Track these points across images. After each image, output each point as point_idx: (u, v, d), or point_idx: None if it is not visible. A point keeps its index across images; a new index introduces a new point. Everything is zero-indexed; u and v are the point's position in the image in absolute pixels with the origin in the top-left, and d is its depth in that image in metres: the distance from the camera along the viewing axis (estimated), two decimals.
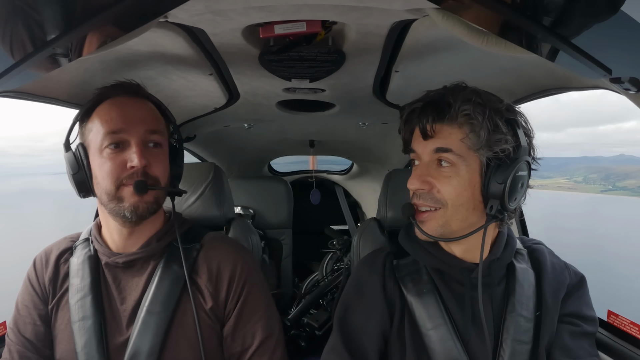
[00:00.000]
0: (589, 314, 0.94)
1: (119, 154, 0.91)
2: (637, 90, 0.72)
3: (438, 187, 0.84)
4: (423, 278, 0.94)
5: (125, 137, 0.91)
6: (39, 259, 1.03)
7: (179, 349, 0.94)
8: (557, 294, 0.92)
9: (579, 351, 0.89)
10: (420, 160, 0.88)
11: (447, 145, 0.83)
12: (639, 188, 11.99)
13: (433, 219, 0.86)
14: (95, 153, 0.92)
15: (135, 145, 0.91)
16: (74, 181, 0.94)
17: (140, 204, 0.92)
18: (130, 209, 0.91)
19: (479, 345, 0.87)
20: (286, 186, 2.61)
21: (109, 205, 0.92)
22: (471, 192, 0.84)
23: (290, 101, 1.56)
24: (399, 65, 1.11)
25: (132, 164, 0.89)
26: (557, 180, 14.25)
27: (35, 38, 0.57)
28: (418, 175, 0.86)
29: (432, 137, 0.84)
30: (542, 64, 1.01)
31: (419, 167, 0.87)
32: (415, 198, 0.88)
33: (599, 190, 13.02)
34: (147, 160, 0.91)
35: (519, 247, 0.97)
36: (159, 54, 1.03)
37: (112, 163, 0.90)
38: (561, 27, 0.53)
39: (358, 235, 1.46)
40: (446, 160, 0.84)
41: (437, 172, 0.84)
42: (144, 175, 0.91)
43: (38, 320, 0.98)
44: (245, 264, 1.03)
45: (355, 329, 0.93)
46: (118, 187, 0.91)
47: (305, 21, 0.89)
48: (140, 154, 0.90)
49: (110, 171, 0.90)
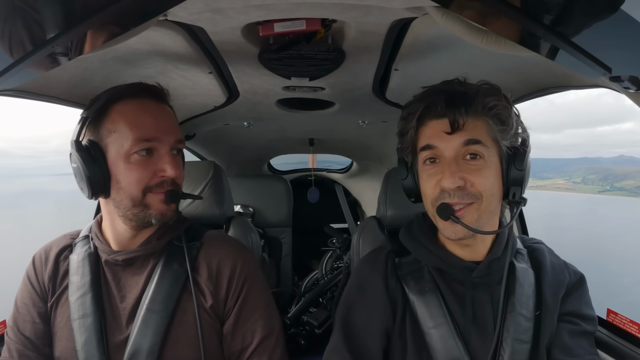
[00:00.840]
0: (588, 313, 0.94)
1: (148, 160, 0.91)
2: (636, 89, 0.72)
3: (472, 180, 0.82)
4: (425, 277, 0.94)
5: (156, 145, 0.91)
6: (38, 256, 1.03)
7: (179, 348, 0.94)
8: (556, 293, 0.92)
9: (578, 350, 0.89)
10: (443, 157, 0.85)
11: (476, 137, 0.82)
12: (637, 188, 12.05)
13: (468, 214, 0.83)
14: (118, 156, 0.90)
15: (167, 154, 0.92)
16: (89, 182, 0.89)
17: (168, 212, 0.94)
18: (158, 217, 0.93)
19: (479, 344, 0.87)
20: (286, 185, 2.61)
21: (132, 211, 0.92)
22: (498, 181, 0.85)
23: (290, 99, 1.55)
24: (398, 63, 1.11)
25: (165, 174, 0.91)
26: (556, 181, 14.30)
27: (35, 37, 0.57)
28: (452, 172, 0.82)
29: (460, 130, 0.83)
30: (542, 62, 1.01)
31: (448, 164, 0.83)
32: (447, 197, 0.83)
33: (596, 190, 13.10)
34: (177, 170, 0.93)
35: (519, 247, 0.97)
36: (159, 53, 1.03)
37: (142, 170, 0.90)
38: (561, 25, 0.53)
39: (358, 234, 1.46)
40: (477, 153, 0.83)
41: (467, 166, 0.83)
42: (173, 184, 0.93)
43: (37, 318, 0.98)
44: (246, 263, 1.03)
45: (358, 327, 0.93)
46: (145, 194, 0.91)
47: (304, 19, 0.89)
48: (174, 165, 0.91)
49: (140, 178, 0.90)
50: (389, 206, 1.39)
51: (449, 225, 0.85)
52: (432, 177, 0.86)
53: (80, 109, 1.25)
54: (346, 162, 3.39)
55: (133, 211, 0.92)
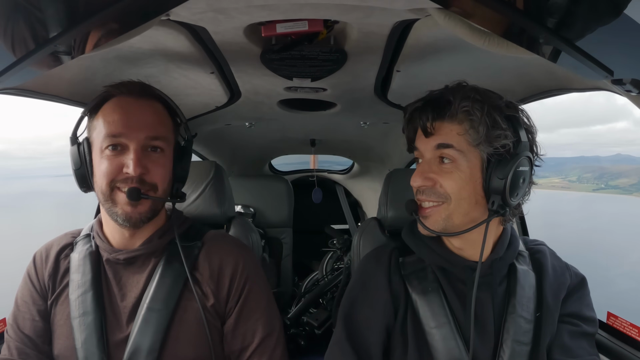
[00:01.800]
0: (589, 315, 0.94)
1: (117, 156, 0.91)
2: (638, 92, 0.72)
3: (440, 182, 0.86)
4: (428, 277, 0.94)
5: (124, 142, 0.91)
6: (39, 254, 1.03)
7: (180, 347, 0.94)
8: (557, 295, 0.93)
9: (578, 350, 0.89)
10: (423, 158, 0.90)
11: (447, 141, 0.84)
12: (631, 186, 12.14)
13: (436, 213, 0.87)
14: (96, 151, 0.93)
15: (133, 151, 0.90)
16: (76, 175, 0.95)
17: (133, 215, 0.91)
18: (123, 217, 0.92)
19: (479, 344, 0.87)
20: (287, 185, 2.61)
21: (105, 205, 0.93)
22: (473, 186, 0.85)
23: (292, 100, 1.55)
24: (400, 65, 1.11)
25: (127, 170, 0.89)
26: (552, 179, 14.38)
27: (37, 35, 0.57)
28: (420, 172, 0.88)
29: (433, 134, 0.86)
30: (544, 64, 1.01)
31: (421, 165, 0.90)
32: (418, 194, 0.90)
33: (591, 189, 13.18)
34: (145, 167, 0.91)
35: (521, 249, 0.97)
36: (161, 52, 1.03)
37: (109, 164, 0.90)
38: (563, 28, 0.52)
39: (358, 235, 1.46)
40: (447, 157, 0.85)
41: (439, 168, 0.86)
42: (139, 182, 0.90)
43: (37, 316, 0.98)
44: (247, 262, 1.03)
45: (360, 324, 0.93)
46: (112, 189, 0.91)
47: (307, 20, 0.89)
48: (137, 161, 0.89)
49: (106, 172, 0.90)
50: (390, 207, 1.39)
51: (419, 221, 0.91)
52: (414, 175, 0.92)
53: (82, 107, 1.25)
54: (347, 163, 3.39)
55: (105, 206, 0.93)
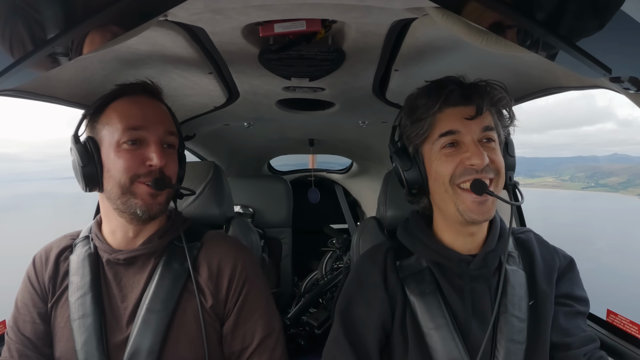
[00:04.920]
0: (580, 294, 0.97)
1: (137, 149, 0.92)
2: (636, 90, 0.72)
3: (492, 158, 0.88)
4: (426, 278, 0.95)
5: (144, 135, 0.92)
6: (39, 257, 1.03)
7: (179, 348, 0.94)
8: (550, 279, 0.95)
9: (573, 330, 0.92)
10: (462, 141, 0.89)
11: (491, 124, 0.90)
12: (619, 185, 12.26)
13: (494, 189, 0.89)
14: (110, 147, 0.92)
15: (154, 144, 0.92)
16: (83, 174, 0.93)
17: (153, 205, 0.93)
18: (143, 209, 0.92)
19: (479, 336, 0.88)
20: (286, 185, 2.61)
21: (121, 199, 0.92)
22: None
23: (290, 100, 1.55)
24: (398, 64, 1.11)
25: (151, 162, 0.91)
26: (545, 179, 14.48)
27: (35, 37, 0.57)
28: (479, 152, 0.86)
29: (478, 117, 0.88)
30: (542, 63, 1.01)
31: (471, 145, 0.88)
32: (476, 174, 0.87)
33: (580, 187, 13.30)
34: (165, 160, 0.93)
35: (511, 250, 0.98)
36: (159, 53, 1.03)
37: (130, 158, 0.91)
38: (562, 27, 0.53)
39: (358, 234, 1.46)
40: (491, 137, 0.90)
41: (486, 147, 0.89)
42: (160, 174, 0.93)
43: (37, 318, 0.98)
44: (246, 263, 1.03)
45: (357, 321, 0.94)
46: (132, 182, 0.91)
47: (305, 20, 0.89)
48: (160, 153, 0.92)
49: (128, 165, 0.90)
50: (389, 207, 1.39)
51: (475, 206, 0.87)
52: (453, 158, 0.89)
53: (80, 109, 1.25)
54: (346, 162, 3.39)
55: (122, 199, 0.92)
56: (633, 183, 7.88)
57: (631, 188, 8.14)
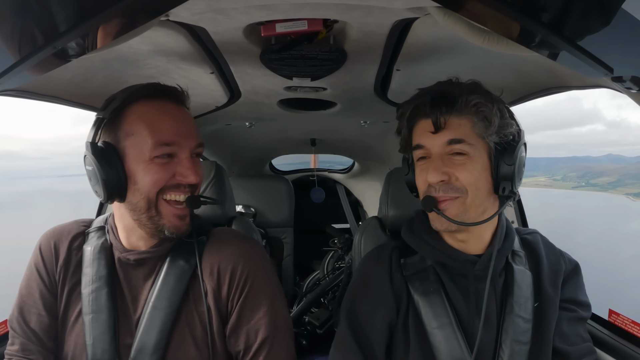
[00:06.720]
0: (583, 300, 0.97)
1: (168, 163, 0.90)
2: (638, 89, 0.72)
3: (456, 175, 0.86)
4: (430, 277, 0.95)
5: (176, 150, 0.90)
6: (46, 244, 0.99)
7: (184, 346, 0.93)
8: (555, 282, 0.95)
9: (574, 338, 0.92)
10: (431, 155, 0.89)
11: (458, 136, 0.85)
12: (608, 184, 12.35)
13: (453, 207, 0.87)
14: (137, 160, 0.88)
15: (187, 159, 0.90)
16: (106, 185, 0.86)
17: (182, 226, 0.93)
18: (172, 230, 0.92)
19: (484, 337, 0.88)
20: (287, 185, 2.61)
21: (146, 214, 0.90)
22: (485, 176, 0.87)
23: (292, 100, 1.55)
24: (400, 64, 1.11)
25: (186, 180, 0.90)
26: (538, 178, 14.56)
27: (37, 37, 0.57)
28: (436, 167, 0.86)
29: (443, 130, 0.86)
30: (544, 62, 1.01)
31: (433, 161, 0.88)
32: (434, 191, 0.88)
33: (570, 186, 13.35)
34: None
35: (517, 250, 0.98)
36: (161, 53, 1.03)
37: (161, 170, 0.88)
38: (563, 26, 0.52)
39: (359, 234, 1.46)
40: (460, 151, 0.86)
41: (452, 162, 0.86)
42: (192, 189, 0.92)
43: (43, 310, 0.95)
44: (249, 258, 1.00)
45: (363, 321, 0.94)
46: (158, 195, 0.89)
47: (306, 20, 0.89)
48: (194, 170, 0.90)
49: (159, 179, 0.88)
50: (391, 206, 1.39)
51: (435, 217, 0.89)
52: (423, 172, 0.90)
53: (82, 109, 1.25)
54: (348, 162, 3.38)
55: (147, 214, 0.90)
56: (622, 183, 8.04)
57: (620, 187, 8.30)
